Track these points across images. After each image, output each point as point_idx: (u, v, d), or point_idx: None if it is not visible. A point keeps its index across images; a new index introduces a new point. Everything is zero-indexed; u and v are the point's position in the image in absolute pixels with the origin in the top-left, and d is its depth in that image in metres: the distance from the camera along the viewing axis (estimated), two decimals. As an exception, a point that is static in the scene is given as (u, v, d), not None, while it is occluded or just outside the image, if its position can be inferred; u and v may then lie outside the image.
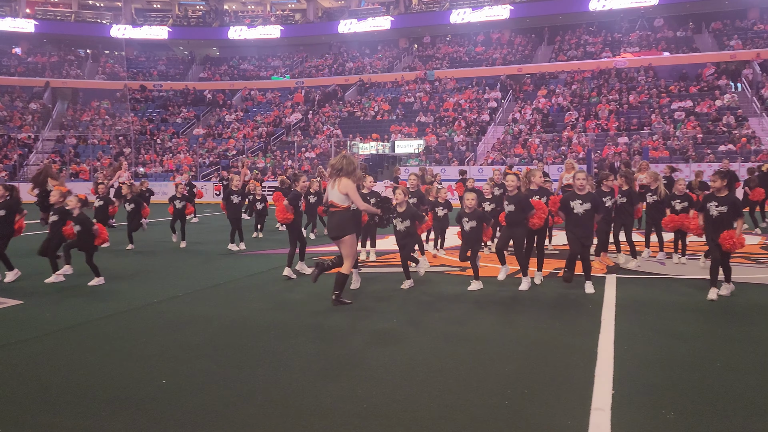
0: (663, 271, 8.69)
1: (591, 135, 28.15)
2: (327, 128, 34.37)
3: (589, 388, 4.19)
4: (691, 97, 30.27)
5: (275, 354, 5.06)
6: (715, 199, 6.71)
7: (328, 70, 43.53)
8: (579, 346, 5.15)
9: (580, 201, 7.11)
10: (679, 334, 5.48)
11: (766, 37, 34.68)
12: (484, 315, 6.33)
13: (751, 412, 3.78)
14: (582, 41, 39.09)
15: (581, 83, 33.85)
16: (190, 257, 10.79)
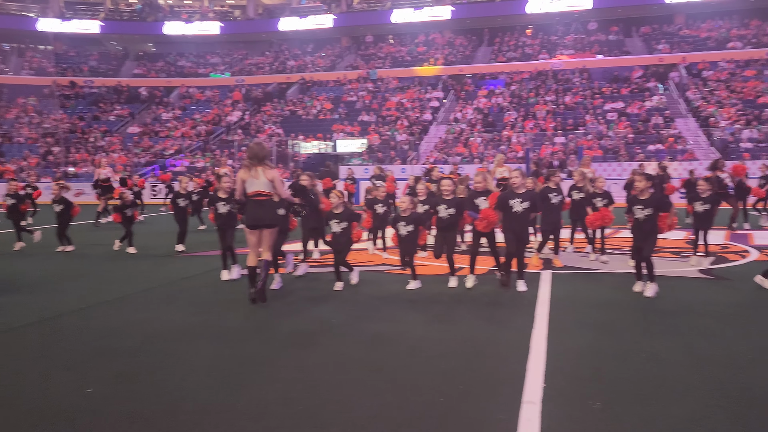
0: (595, 267, 8.95)
1: (529, 135, 28.83)
2: (268, 127, 33.93)
3: (521, 383, 4.27)
4: (623, 99, 31.45)
5: (207, 358, 4.93)
6: (640, 201, 6.76)
7: (269, 68, 42.98)
8: (513, 342, 5.24)
9: (519, 200, 7.13)
10: (608, 328, 5.65)
11: (691, 41, 36.40)
12: (421, 314, 6.36)
13: (672, 399, 3.93)
14: (520, 43, 40.03)
15: (520, 84, 34.63)
16: (125, 260, 10.42)
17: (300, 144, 30.87)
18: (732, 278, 8.02)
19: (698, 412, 3.73)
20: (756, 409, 3.77)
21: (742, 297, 6.91)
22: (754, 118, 27.34)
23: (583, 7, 38.05)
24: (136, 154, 32.88)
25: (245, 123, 35.80)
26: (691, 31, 37.79)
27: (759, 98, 29.26)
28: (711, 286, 7.60)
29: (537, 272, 8.43)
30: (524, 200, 7.10)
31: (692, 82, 32.09)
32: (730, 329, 5.52)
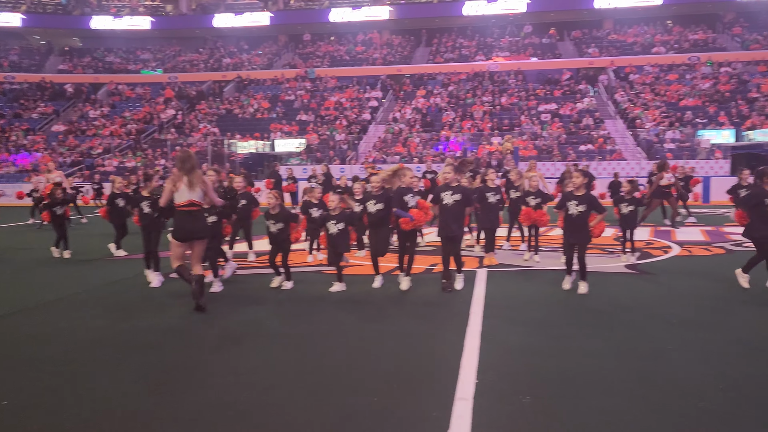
0: (529, 265, 9.15)
1: (467, 134, 29.29)
2: (203, 126, 33.13)
3: (454, 380, 4.30)
4: (556, 100, 32.40)
5: (133, 366, 4.75)
6: (575, 198, 6.85)
7: (204, 65, 41.99)
8: (448, 340, 5.29)
9: (450, 192, 7.14)
10: (540, 324, 5.79)
11: (619, 46, 37.89)
12: (356, 314, 6.34)
13: (600, 392, 4.05)
14: (457, 44, 40.62)
15: (457, 85, 35.15)
16: (52, 265, 9.93)
17: (236, 143, 30.29)
18: (655, 273, 8.37)
19: (623, 403, 3.86)
20: (678, 399, 3.92)
21: (664, 291, 7.21)
22: (677, 119, 28.71)
23: (518, 11, 39.00)
24: (61, 154, 31.43)
25: (179, 122, 34.83)
26: (619, 36, 39.34)
27: (681, 101, 30.74)
28: (636, 281, 7.90)
29: (473, 270, 8.55)
30: (455, 193, 7.13)
31: (620, 85, 33.40)
32: (653, 322, 5.74)
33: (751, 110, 28.97)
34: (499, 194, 9.02)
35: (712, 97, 30.75)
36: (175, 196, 6.29)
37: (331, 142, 29.70)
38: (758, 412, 3.69)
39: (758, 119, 27.87)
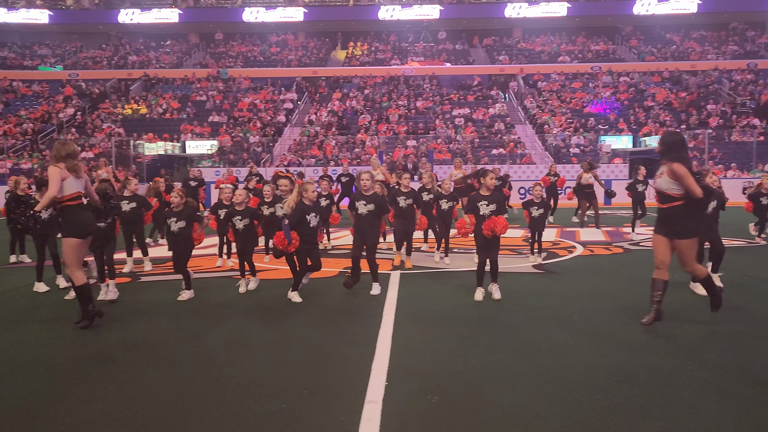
0: (440, 267, 9.28)
1: (382, 138, 29.50)
2: (107, 126, 31.53)
3: (365, 383, 4.27)
4: (469, 105, 33.27)
5: (28, 376, 4.39)
6: (484, 198, 6.80)
7: (108, 62, 40.01)
8: (359, 343, 5.25)
9: (364, 201, 7.20)
10: (449, 324, 5.86)
11: (527, 54, 39.41)
12: (264, 319, 6.19)
13: (503, 388, 4.15)
14: (373, 48, 40.87)
15: (373, 88, 35.36)
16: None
17: (144, 145, 29.01)
18: (560, 272, 8.71)
19: (525, 398, 3.96)
20: (575, 392, 4.06)
21: (568, 289, 7.50)
22: (581, 126, 30.20)
23: (432, 17, 39.74)
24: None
25: (80, 121, 32.97)
26: (528, 44, 40.95)
27: (585, 108, 32.37)
28: (543, 280, 8.18)
29: (386, 273, 8.57)
30: (369, 203, 7.16)
31: (529, 92, 34.75)
32: (556, 319, 5.95)
33: (647, 118, 30.93)
34: (411, 198, 8.99)
35: (612, 105, 32.56)
36: (65, 188, 5.65)
37: (245, 144, 29.08)
38: (647, 403, 3.88)
39: (653, 126, 29.79)
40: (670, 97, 33.07)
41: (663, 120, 30.53)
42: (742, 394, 3.99)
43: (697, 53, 38.30)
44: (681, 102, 32.20)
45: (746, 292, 7.19)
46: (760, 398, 3.92)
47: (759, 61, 36.95)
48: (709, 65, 36.67)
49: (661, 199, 5.52)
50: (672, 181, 5.34)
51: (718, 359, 4.68)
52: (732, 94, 33.70)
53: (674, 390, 4.07)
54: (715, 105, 32.24)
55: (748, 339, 5.24)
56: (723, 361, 4.64)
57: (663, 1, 39.02)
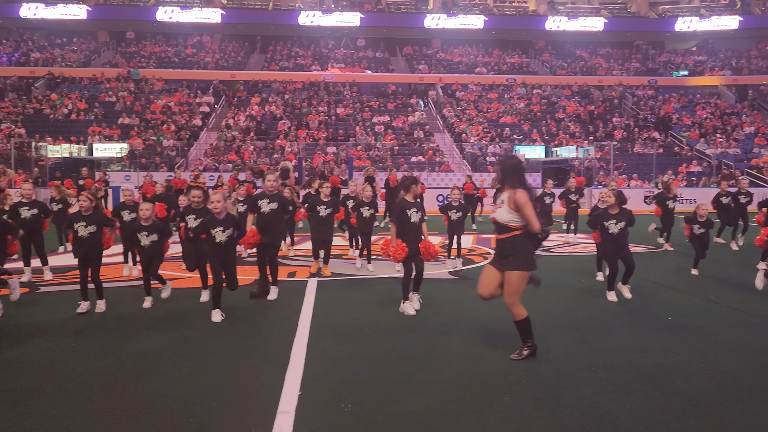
0: (361, 273, 9.25)
1: (302, 144, 29.25)
2: (6, 126, 29.51)
3: (277, 393, 4.18)
4: (389, 113, 33.58)
5: None
6: (414, 205, 6.65)
7: (8, 59, 37.51)
8: (273, 353, 5.14)
9: (267, 200, 7.08)
10: (365, 332, 5.84)
11: (446, 64, 40.29)
12: (173, 331, 5.95)
13: (416, 394, 4.17)
14: (293, 53, 40.51)
15: (293, 93, 35.02)
16: None
17: (47, 147, 27.33)
18: (474, 278, 8.86)
19: (437, 404, 3.99)
20: (485, 396, 4.14)
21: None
22: (497, 135, 31.17)
23: (352, 24, 39.86)
24: None
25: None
26: (446, 55, 41.87)
27: (501, 118, 33.43)
28: (458, 286, 8.32)
29: (303, 281, 8.45)
30: (272, 201, 7.03)
31: (447, 101, 35.50)
32: (469, 325, 6.05)
33: (558, 129, 32.33)
34: (331, 207, 8.89)
35: (526, 116, 33.81)
36: None
37: (158, 147, 28.00)
38: (553, 404, 4.00)
39: (564, 137, 31.18)
40: (579, 110, 34.74)
41: (573, 131, 32.02)
42: (639, 392, 4.19)
43: (604, 69, 40.46)
44: (589, 114, 33.91)
45: (648, 296, 7.59)
46: (655, 398, 4.13)
47: (659, 78, 39.51)
48: (614, 80, 38.84)
49: (499, 229, 4.94)
50: (512, 211, 4.79)
51: (621, 361, 4.90)
52: (635, 108, 35.82)
53: (578, 390, 4.22)
54: (619, 118, 34.17)
55: (647, 341, 5.52)
56: (625, 361, 4.87)
57: (573, 19, 41.00)
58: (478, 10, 41.74)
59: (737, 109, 36.05)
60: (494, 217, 4.93)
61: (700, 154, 30.32)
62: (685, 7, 43.92)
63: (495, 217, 4.92)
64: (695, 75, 39.66)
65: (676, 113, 34.93)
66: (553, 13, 42.36)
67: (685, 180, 27.36)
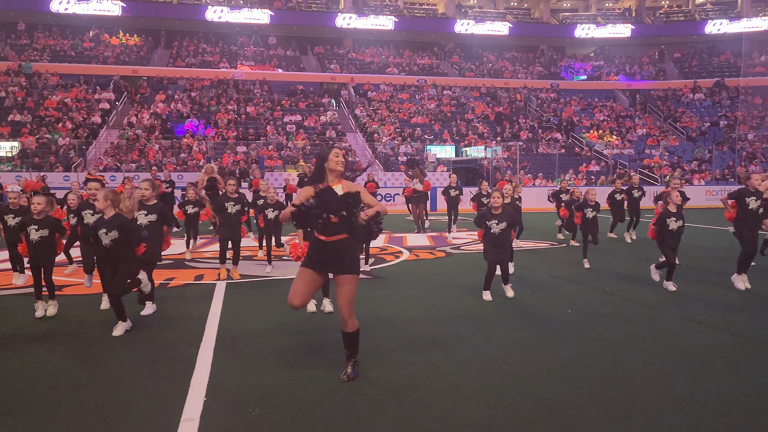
0: (270, 275, 9.10)
1: (210, 143, 28.42)
2: None
3: (182, 400, 4.03)
4: (300, 112, 33.27)
5: None
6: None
7: None
8: (178, 359, 4.94)
9: (144, 212, 6.55)
10: (274, 333, 5.74)
11: (358, 64, 40.40)
12: (70, 339, 5.61)
13: (325, 394, 4.15)
14: (200, 50, 39.26)
15: (200, 91, 33.95)
16: None
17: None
18: (386, 276, 8.96)
19: (345, 403, 3.97)
20: (394, 393, 4.16)
21: (391, 292, 7.73)
22: (408, 135, 31.61)
23: (262, 21, 39.14)
24: None
25: None
26: (358, 55, 41.98)
27: (412, 118, 33.93)
28: (368, 285, 8.33)
29: (211, 284, 8.22)
30: (150, 213, 6.57)
31: (359, 101, 35.61)
32: (379, 322, 6.09)
33: (468, 129, 33.24)
34: (240, 204, 8.71)
35: (436, 117, 34.51)
36: None
37: (53, 146, 26.32)
38: (459, 397, 4.08)
39: (473, 137, 32.08)
40: (487, 111, 35.88)
41: (481, 132, 33.02)
42: (538, 381, 4.36)
43: (510, 72, 41.98)
44: (497, 116, 35.09)
45: (547, 289, 7.94)
46: (553, 386, 4.31)
47: (560, 81, 41.47)
48: (519, 83, 40.39)
49: (328, 230, 4.29)
50: None
51: (524, 353, 5.09)
52: (539, 110, 37.42)
53: (485, 383, 4.33)
54: (525, 120, 35.58)
55: (546, 333, 5.77)
56: (526, 353, 5.05)
57: (480, 23, 42.26)
58: (389, 11, 42.15)
59: (631, 113, 38.49)
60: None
61: (598, 154, 32.10)
62: (583, 14, 46.35)
63: None
64: (593, 79, 41.93)
65: (576, 115, 36.79)
66: (461, 16, 43.48)
67: (585, 179, 28.88)
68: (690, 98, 39.31)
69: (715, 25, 42.08)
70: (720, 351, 5.09)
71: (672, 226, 7.46)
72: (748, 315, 6.39)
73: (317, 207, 4.14)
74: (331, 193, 4.17)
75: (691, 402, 3.97)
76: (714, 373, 4.53)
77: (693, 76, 41.36)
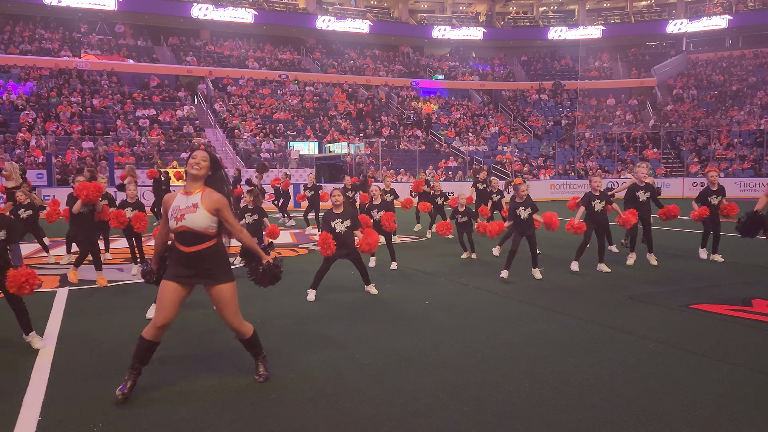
0: (123, 278, 8.54)
1: (51, 138, 26.05)
2: None
3: (12, 420, 3.64)
4: (155, 106, 31.48)
5: None
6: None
7: None
8: (8, 373, 4.46)
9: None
10: (118, 341, 5.37)
11: (216, 57, 39.01)
12: None
13: (180, 402, 3.93)
14: (37, 36, 35.79)
15: (39, 81, 30.99)
16: None
17: None
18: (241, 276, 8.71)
19: (200, 411, 3.81)
20: (250, 395, 4.05)
21: (251, 292, 7.51)
22: (271, 131, 31.09)
23: (108, 8, 36.43)
24: None
25: None
26: (216, 47, 40.50)
27: (274, 114, 33.40)
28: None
29: (53, 291, 7.54)
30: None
31: (219, 95, 34.40)
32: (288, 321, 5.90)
33: (331, 126, 33.36)
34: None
35: (299, 113, 34.27)
36: None
37: None
38: (319, 395, 4.07)
39: (335, 134, 32.25)
40: (350, 107, 36.24)
41: (344, 128, 33.29)
42: (396, 374, 4.47)
43: (371, 69, 42.71)
44: (358, 113, 35.56)
45: (408, 282, 8.18)
46: (410, 376, 4.44)
47: (420, 80, 42.90)
48: (381, 81, 41.24)
49: (186, 239, 3.94)
50: (212, 217, 3.95)
51: (380, 345, 5.19)
52: (399, 107, 38.45)
53: (340, 379, 4.36)
54: (386, 117, 36.38)
55: (405, 324, 5.93)
56: (384, 346, 5.16)
57: (341, 20, 42.54)
58: (248, 4, 41.10)
59: (484, 111, 40.76)
60: (185, 223, 3.92)
61: (455, 150, 33.65)
62: (439, 16, 48.27)
63: (188, 222, 3.92)
64: (450, 79, 43.85)
65: (435, 114, 38.28)
66: (322, 12, 43.49)
67: (444, 174, 30.14)
68: (536, 99, 42.43)
69: (557, 31, 45.74)
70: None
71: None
72: (584, 299, 7.01)
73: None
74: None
75: (532, 381, 4.27)
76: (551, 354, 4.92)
77: (538, 78, 44.66)
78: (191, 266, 3.99)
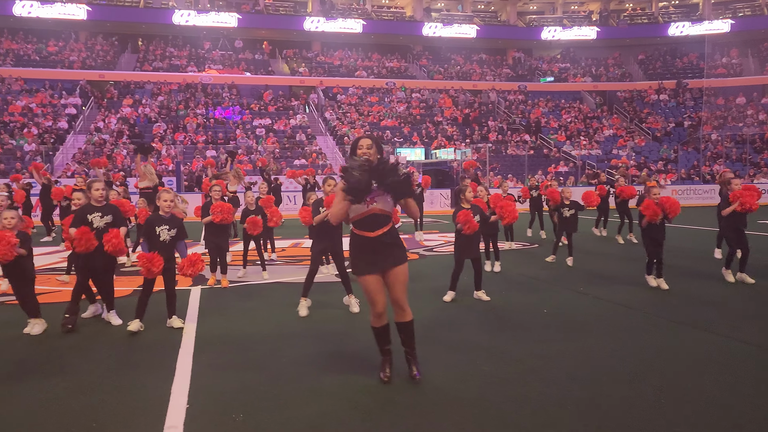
0: (250, 279, 9.06)
1: (180, 147, 28.10)
2: None
3: (164, 407, 4.01)
4: (270, 116, 33.09)
5: None
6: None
7: None
8: (157, 365, 4.92)
9: (99, 214, 6.35)
10: (253, 339, 5.72)
11: (327, 67, 40.36)
12: (43, 349, 5.51)
13: (309, 399, 4.16)
14: (167, 53, 38.79)
15: (168, 95, 33.54)
16: None
17: None
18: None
19: (329, 408, 4.01)
20: (377, 398, 4.18)
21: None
22: (378, 138, 31.67)
23: (229, 25, 38.85)
24: None
25: None
26: (326, 58, 41.94)
27: (382, 121, 34.02)
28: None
29: (187, 289, 8.15)
30: (105, 214, 6.38)
31: (329, 104, 35.57)
32: (360, 327, 6.10)
33: (437, 132, 33.46)
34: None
35: (406, 119, 34.67)
36: None
37: (18, 152, 25.74)
38: (451, 401, 4.14)
39: (442, 140, 32.31)
40: (456, 113, 36.18)
41: (450, 134, 33.28)
42: (529, 386, 4.45)
43: (478, 74, 42.40)
44: (465, 118, 35.40)
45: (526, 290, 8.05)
46: (541, 390, 4.40)
47: (528, 83, 42.03)
48: (487, 86, 40.81)
49: (375, 223, 4.25)
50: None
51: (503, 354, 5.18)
52: (507, 112, 37.87)
53: (517, 385, 4.41)
54: (493, 122, 35.96)
55: (521, 333, 5.88)
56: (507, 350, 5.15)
57: (447, 25, 42.59)
58: (357, 15, 42.22)
59: (597, 113, 39.21)
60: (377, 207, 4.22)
61: (566, 155, 32.63)
62: (549, 17, 47.05)
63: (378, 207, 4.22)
64: (560, 81, 42.60)
65: (544, 117, 37.33)
66: (429, 19, 43.77)
67: (554, 180, 29.24)
68: (654, 99, 40.23)
69: (678, 27, 43.14)
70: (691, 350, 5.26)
71: None
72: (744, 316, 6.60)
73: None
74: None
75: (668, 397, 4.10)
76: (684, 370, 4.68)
77: (657, 77, 42.33)
78: (377, 251, 4.24)
